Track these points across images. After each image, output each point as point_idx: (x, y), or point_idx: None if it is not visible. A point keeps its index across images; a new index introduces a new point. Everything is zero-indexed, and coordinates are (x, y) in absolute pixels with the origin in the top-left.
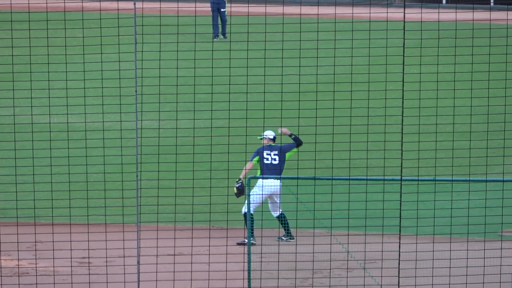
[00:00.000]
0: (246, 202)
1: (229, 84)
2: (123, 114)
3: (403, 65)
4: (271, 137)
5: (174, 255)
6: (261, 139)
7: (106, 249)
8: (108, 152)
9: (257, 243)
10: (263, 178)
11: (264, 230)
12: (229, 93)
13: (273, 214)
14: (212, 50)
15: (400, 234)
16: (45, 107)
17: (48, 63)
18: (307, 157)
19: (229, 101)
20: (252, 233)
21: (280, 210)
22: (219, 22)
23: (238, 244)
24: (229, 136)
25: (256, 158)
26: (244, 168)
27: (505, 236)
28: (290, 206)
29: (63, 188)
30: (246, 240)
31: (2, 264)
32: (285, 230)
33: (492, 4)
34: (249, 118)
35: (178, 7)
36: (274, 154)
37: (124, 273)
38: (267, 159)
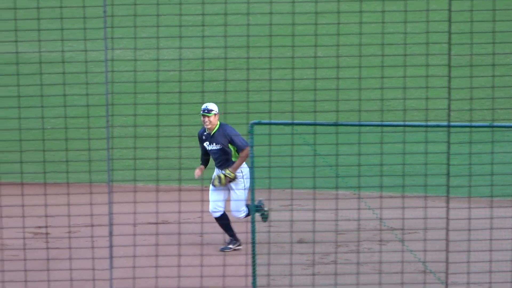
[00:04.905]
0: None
1: (225, 3)
2: (89, 42)
3: None
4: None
5: (157, 223)
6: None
7: (68, 216)
8: (70, 91)
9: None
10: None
11: (269, 191)
12: (225, 14)
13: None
14: None
15: (448, 196)
16: None
17: None
18: (325, 96)
19: (225, 25)
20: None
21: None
22: None
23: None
24: (226, 69)
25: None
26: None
27: None
28: (305, 160)
29: (12, 137)
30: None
31: None
32: (229, 234)
33: None
34: (252, 47)
35: None
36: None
37: (93, 247)
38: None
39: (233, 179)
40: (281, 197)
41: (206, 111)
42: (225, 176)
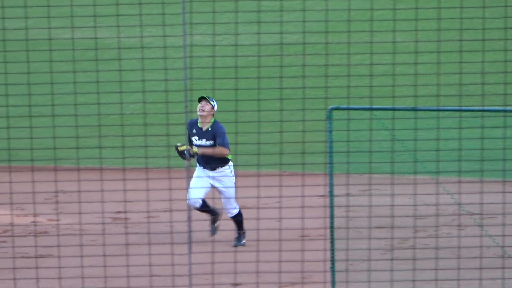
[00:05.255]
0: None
1: None
2: (168, 27)
3: None
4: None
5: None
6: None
7: (147, 201)
8: (149, 76)
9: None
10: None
11: (347, 176)
12: None
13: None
14: None
15: None
16: (65, 18)
17: None
18: (403, 81)
19: (304, 10)
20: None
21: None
22: None
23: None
24: (304, 55)
25: None
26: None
27: None
28: (383, 145)
29: (90, 122)
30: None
31: (14, 221)
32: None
33: None
34: (331, 32)
35: None
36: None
37: (171, 232)
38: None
39: (193, 156)
40: (360, 182)
41: (206, 96)
42: (189, 149)
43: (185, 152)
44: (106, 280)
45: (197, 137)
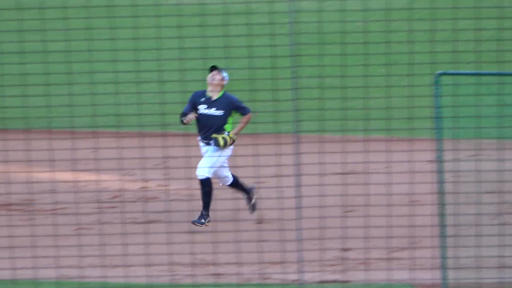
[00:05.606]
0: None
1: None
2: None
3: None
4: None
5: (342, 174)
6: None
7: (255, 166)
8: (254, 42)
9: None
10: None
11: (455, 141)
12: None
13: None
14: None
15: None
16: None
17: None
18: (511, 47)
19: None
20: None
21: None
22: None
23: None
24: (411, 20)
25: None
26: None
27: None
28: (490, 110)
29: (198, 88)
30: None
31: (124, 186)
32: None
33: None
34: None
35: None
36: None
37: (280, 197)
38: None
39: (232, 143)
40: (468, 147)
41: (218, 67)
42: (230, 138)
43: (226, 143)
44: (217, 245)
45: (206, 106)
